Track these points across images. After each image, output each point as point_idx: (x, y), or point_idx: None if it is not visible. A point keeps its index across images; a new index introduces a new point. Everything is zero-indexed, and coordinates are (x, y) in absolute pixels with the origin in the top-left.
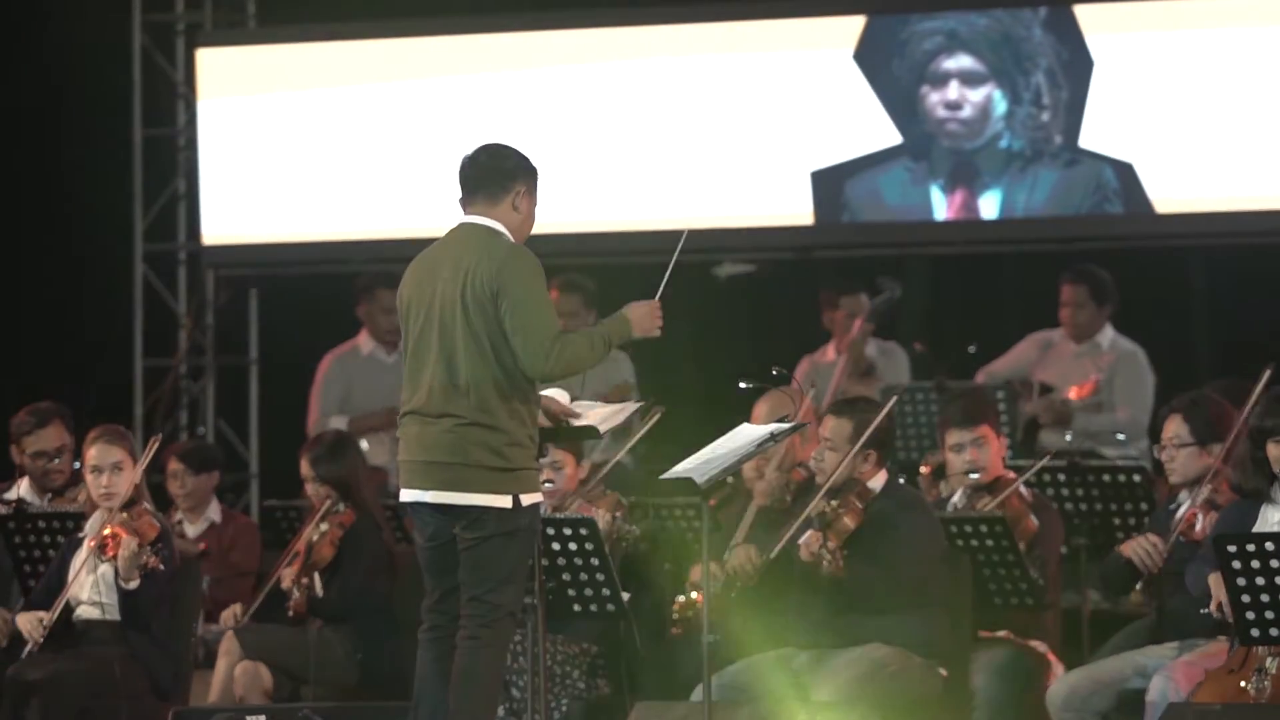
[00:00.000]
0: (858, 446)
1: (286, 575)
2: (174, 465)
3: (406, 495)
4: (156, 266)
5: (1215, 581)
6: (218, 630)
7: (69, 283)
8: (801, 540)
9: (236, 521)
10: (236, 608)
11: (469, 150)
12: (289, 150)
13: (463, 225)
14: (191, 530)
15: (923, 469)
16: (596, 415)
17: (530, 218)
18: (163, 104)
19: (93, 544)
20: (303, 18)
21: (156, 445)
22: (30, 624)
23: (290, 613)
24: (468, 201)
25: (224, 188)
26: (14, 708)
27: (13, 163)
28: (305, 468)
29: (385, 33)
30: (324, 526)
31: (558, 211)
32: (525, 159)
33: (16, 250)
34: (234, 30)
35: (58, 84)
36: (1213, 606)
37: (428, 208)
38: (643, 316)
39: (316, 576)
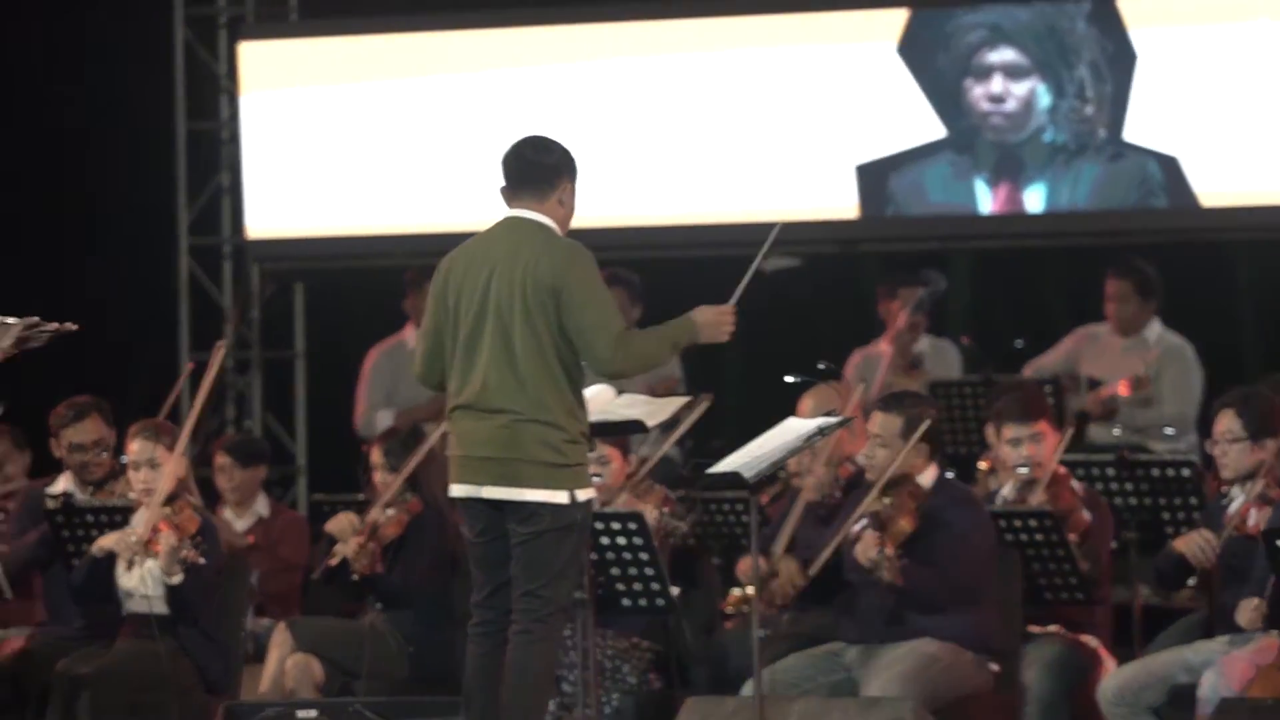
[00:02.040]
0: (911, 442)
1: (349, 546)
2: (221, 459)
3: (459, 490)
4: (201, 260)
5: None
6: (268, 624)
7: (114, 277)
8: (859, 546)
9: (284, 515)
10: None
11: (513, 144)
12: (333, 143)
13: (512, 219)
14: (239, 524)
15: (982, 464)
16: (643, 409)
17: (572, 211)
18: (206, 98)
19: (143, 538)
20: (345, 11)
21: (191, 432)
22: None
23: (355, 576)
24: (513, 195)
25: (268, 181)
26: (65, 702)
27: (58, 157)
28: (377, 456)
29: (427, 26)
30: (390, 510)
31: (602, 205)
32: (568, 153)
33: (60, 244)
34: (276, 24)
35: (100, 78)
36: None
37: (471, 201)
38: (710, 322)
39: (378, 553)
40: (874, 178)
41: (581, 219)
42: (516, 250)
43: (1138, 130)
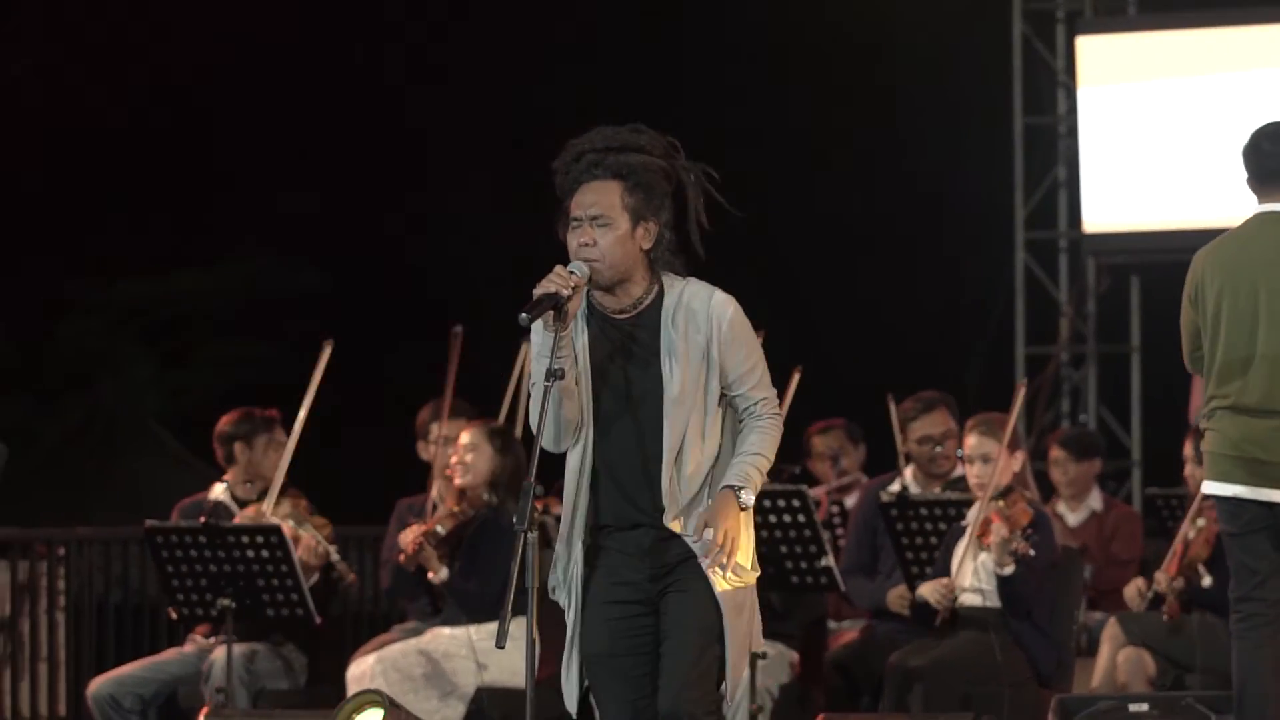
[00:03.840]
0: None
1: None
2: (1056, 453)
3: (1227, 489)
4: (1037, 254)
5: None
6: (1100, 618)
7: (952, 271)
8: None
9: (1118, 510)
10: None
11: (1250, 135)
12: (1167, 137)
13: (1266, 214)
14: (1072, 519)
15: None
16: None
17: None
18: (1043, 92)
19: (976, 532)
20: (1183, 4)
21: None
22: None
23: (1165, 617)
24: (1260, 189)
25: (1104, 175)
26: (898, 693)
27: (889, 149)
28: (1190, 449)
29: (1259, 19)
30: (1199, 522)
31: None
32: None
33: (891, 237)
34: (1114, 18)
35: (935, 71)
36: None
37: None
38: None
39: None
40: None
41: None
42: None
43: None
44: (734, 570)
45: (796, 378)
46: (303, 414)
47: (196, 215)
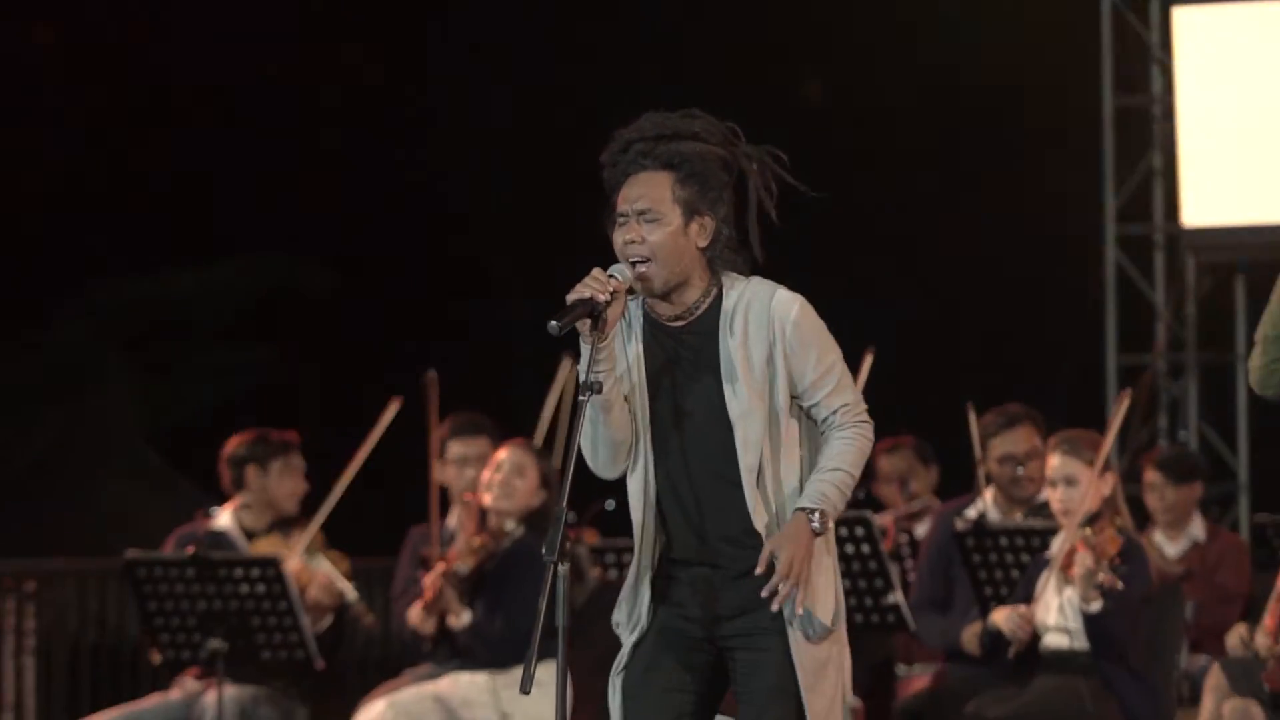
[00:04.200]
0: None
1: None
2: (1151, 475)
3: None
4: (1130, 251)
5: None
6: (1204, 662)
7: (1033, 270)
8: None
9: (1222, 539)
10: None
11: None
12: (1276, 120)
13: None
14: (1171, 549)
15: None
16: None
17: None
18: (1135, 69)
19: (1061, 564)
20: None
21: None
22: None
23: (1267, 687)
24: None
25: (1205, 162)
26: None
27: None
28: None
29: None
30: None
31: None
32: None
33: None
34: None
35: (1015, 49)
36: None
37: None
38: None
39: None
40: None
41: None
42: None
43: None
44: (808, 621)
45: (869, 360)
46: (353, 468)
47: (186, 208)
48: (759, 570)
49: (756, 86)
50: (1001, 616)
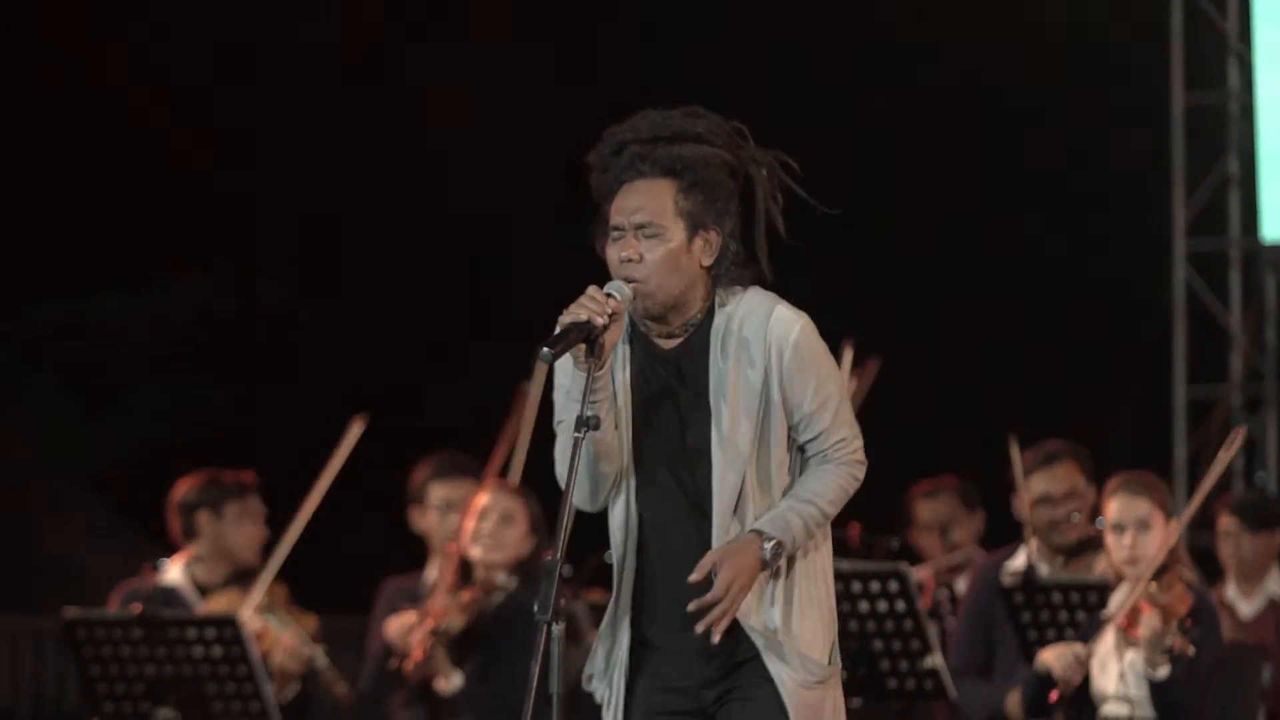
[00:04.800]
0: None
1: None
2: (1225, 522)
3: None
4: (1202, 269)
5: None
6: None
7: (1093, 290)
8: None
9: None
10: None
11: None
12: None
13: None
14: (1245, 608)
15: None
16: None
17: None
18: (1210, 63)
19: (1121, 623)
20: None
21: (1201, 499)
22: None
23: None
24: None
25: None
26: None
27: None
28: None
29: None
30: None
31: None
32: None
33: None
34: None
35: (1077, 42)
36: None
37: None
38: None
39: None
40: None
41: None
42: None
43: None
44: (802, 662)
45: (849, 355)
46: (313, 501)
47: (128, 223)
48: (695, 578)
49: (813, 87)
50: (1053, 655)
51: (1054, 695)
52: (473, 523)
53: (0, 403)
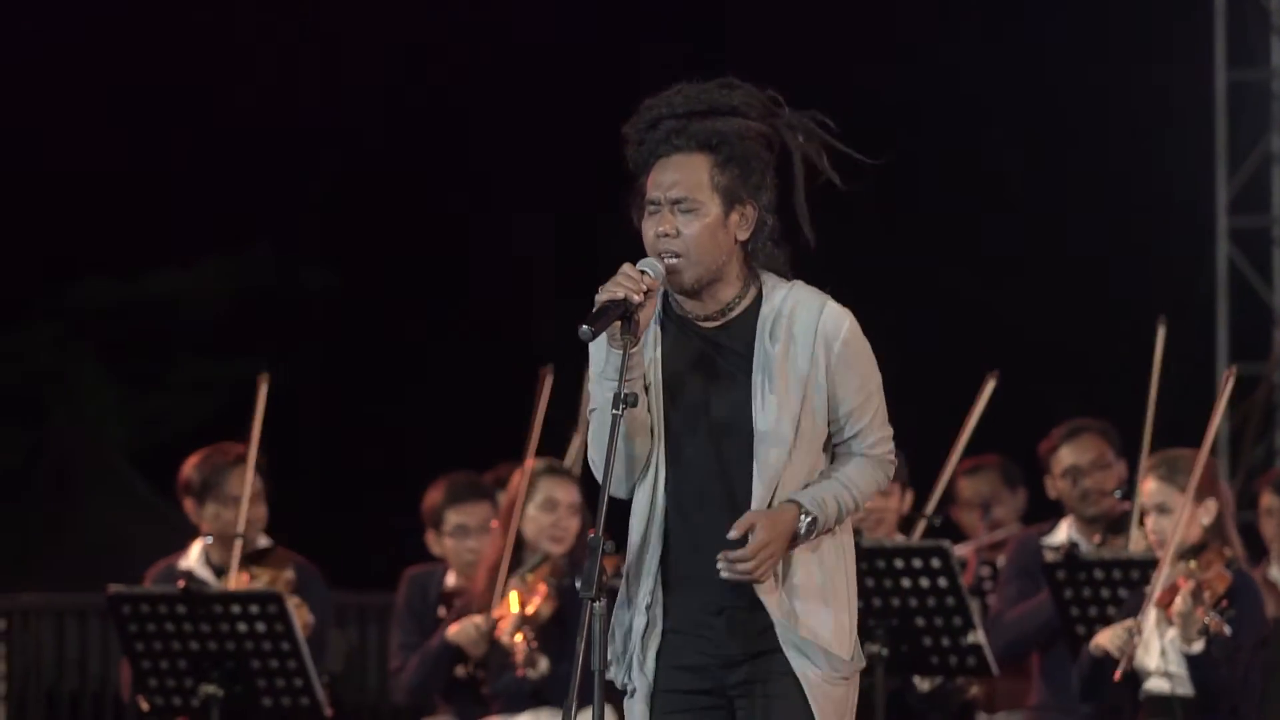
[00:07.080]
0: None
1: None
2: (1269, 499)
3: None
4: (1245, 246)
5: None
6: None
7: (1133, 267)
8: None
9: None
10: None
11: None
12: None
13: None
14: None
15: None
16: None
17: None
18: (1253, 39)
19: (1159, 600)
20: None
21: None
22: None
23: None
24: None
25: None
26: None
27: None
28: None
29: None
30: None
31: None
32: None
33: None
34: None
35: (1124, 14)
36: None
37: None
38: None
39: None
40: None
41: None
42: None
43: None
44: (827, 658)
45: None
46: (250, 461)
47: (171, 202)
48: (734, 534)
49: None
50: (1106, 636)
51: (1117, 674)
52: (550, 518)
53: (45, 381)
